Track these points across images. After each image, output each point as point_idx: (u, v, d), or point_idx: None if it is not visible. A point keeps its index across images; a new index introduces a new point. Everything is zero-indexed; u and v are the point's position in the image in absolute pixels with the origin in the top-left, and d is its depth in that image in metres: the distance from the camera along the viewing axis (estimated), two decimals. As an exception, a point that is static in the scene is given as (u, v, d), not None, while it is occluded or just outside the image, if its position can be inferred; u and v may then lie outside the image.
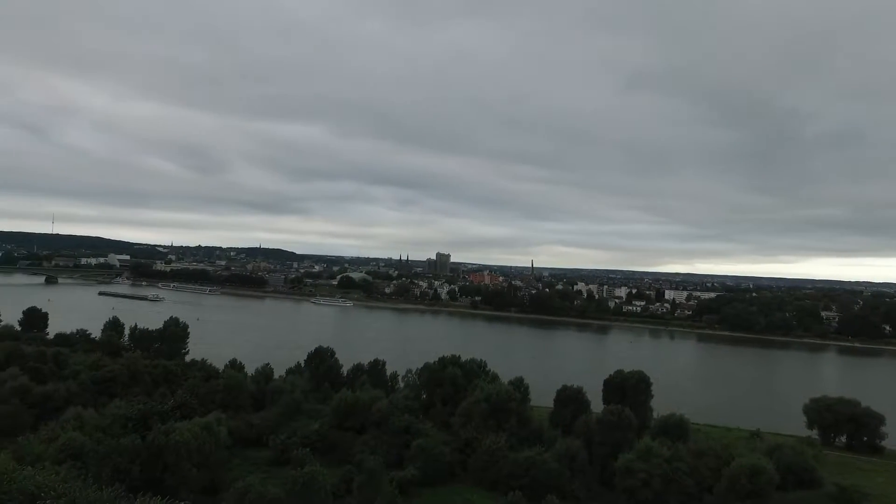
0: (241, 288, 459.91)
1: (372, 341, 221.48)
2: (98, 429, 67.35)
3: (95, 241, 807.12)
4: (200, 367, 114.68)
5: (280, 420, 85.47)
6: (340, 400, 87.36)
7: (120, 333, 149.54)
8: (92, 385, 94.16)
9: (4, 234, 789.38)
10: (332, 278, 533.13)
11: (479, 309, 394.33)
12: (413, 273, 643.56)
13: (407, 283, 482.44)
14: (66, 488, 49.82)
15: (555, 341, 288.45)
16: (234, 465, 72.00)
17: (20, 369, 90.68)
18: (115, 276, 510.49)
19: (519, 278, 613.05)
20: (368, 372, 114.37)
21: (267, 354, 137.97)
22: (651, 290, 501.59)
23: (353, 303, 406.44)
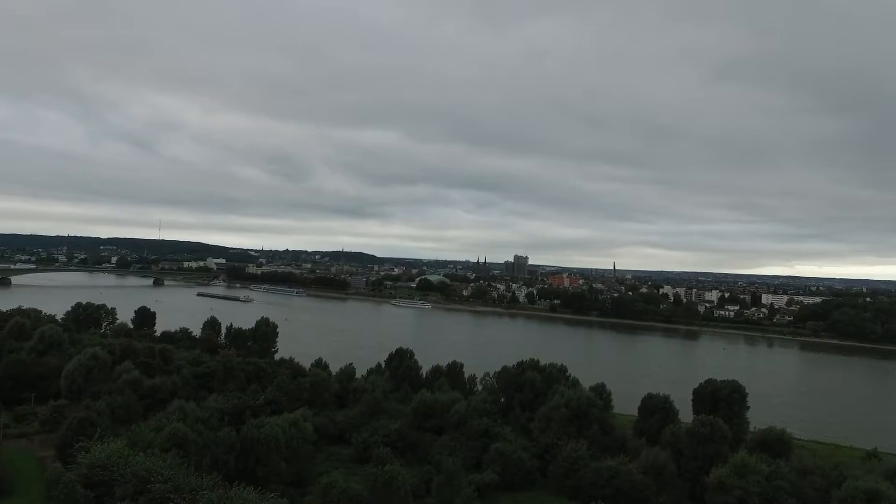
0: (325, 290, 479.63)
1: (450, 343, 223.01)
2: (199, 421, 72.63)
3: (196, 246, 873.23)
4: (289, 365, 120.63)
5: (362, 418, 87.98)
6: (419, 401, 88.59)
7: (217, 332, 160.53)
8: (193, 380, 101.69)
9: (119, 240, 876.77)
10: (411, 281, 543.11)
11: (558, 312, 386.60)
12: (490, 276, 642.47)
13: (484, 286, 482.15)
14: (171, 474, 54.37)
15: (638, 347, 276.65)
16: (319, 460, 74.87)
17: (133, 364, 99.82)
18: (213, 279, 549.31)
19: (600, 281, 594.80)
20: (447, 374, 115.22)
21: (349, 354, 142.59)
22: (745, 293, 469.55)
23: (431, 305, 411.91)
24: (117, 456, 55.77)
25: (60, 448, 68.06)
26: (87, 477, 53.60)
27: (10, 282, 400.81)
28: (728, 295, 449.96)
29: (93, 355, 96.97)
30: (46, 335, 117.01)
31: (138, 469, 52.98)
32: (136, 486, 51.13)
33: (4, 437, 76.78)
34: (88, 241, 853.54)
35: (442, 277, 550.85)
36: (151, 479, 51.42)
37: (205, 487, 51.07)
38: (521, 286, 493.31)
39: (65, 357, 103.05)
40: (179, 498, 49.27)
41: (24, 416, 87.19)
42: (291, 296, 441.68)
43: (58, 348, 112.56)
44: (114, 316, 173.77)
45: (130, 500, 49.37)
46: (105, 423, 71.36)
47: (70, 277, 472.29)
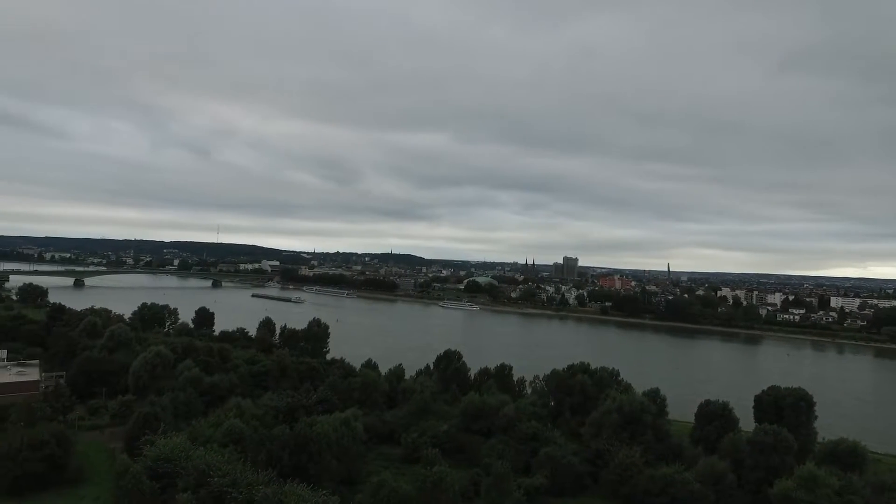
0: (374, 291, 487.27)
1: (498, 346, 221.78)
2: (254, 418, 75.08)
3: (251, 249, 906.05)
4: (340, 365, 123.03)
5: (410, 419, 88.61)
6: (468, 403, 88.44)
7: (272, 332, 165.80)
8: (249, 378, 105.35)
9: (181, 243, 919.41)
10: (459, 283, 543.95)
11: (609, 315, 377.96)
12: (539, 277, 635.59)
13: (533, 288, 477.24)
14: (229, 469, 56.40)
15: (695, 351, 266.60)
16: (369, 459, 75.90)
17: (193, 362, 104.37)
18: (268, 280, 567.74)
19: (653, 283, 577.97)
20: (495, 376, 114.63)
21: (398, 356, 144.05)
22: (812, 296, 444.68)
23: (479, 307, 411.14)
24: (179, 450, 58.38)
25: (128, 441, 71.90)
26: (153, 469, 56.28)
27: (83, 283, 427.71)
28: (793, 298, 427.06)
29: (157, 353, 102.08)
30: (116, 334, 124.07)
31: (199, 463, 55.26)
32: (196, 480, 53.30)
33: (79, 428, 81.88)
34: (153, 245, 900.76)
35: (490, 279, 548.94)
36: (211, 473, 53.53)
37: (260, 483, 52.71)
38: (571, 288, 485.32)
39: (132, 355, 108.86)
40: (237, 492, 51.03)
41: (96, 410, 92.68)
42: (342, 297, 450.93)
43: (126, 346, 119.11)
44: (176, 316, 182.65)
45: (192, 493, 51.43)
46: (168, 418, 74.91)
47: (136, 279, 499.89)
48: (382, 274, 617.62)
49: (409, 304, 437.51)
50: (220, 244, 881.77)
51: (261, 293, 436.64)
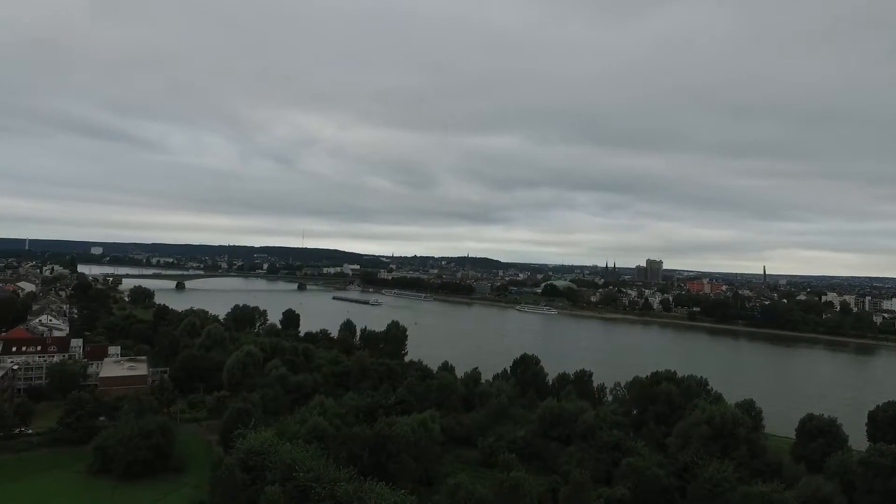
0: (451, 295, 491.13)
1: (577, 351, 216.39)
2: (337, 416, 77.79)
3: (333, 253, 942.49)
4: (417, 367, 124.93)
5: (487, 422, 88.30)
6: (545, 408, 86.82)
7: (352, 334, 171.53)
8: (332, 378, 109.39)
9: (270, 248, 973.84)
10: (536, 286, 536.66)
11: (697, 321, 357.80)
12: (620, 281, 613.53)
13: (614, 292, 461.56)
14: (313, 465, 58.76)
15: (795, 361, 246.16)
16: (446, 460, 76.34)
17: (280, 361, 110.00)
18: (349, 284, 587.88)
19: (747, 287, 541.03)
20: (574, 382, 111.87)
21: (475, 359, 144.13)
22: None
23: (557, 311, 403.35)
24: (268, 444, 61.57)
25: (223, 433, 76.88)
26: (244, 461, 59.68)
27: (184, 286, 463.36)
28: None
29: (248, 352, 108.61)
30: (212, 333, 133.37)
31: (285, 458, 57.99)
32: (283, 473, 55.94)
33: (180, 420, 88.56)
34: (245, 250, 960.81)
35: (568, 283, 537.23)
36: (296, 468, 56.00)
37: (342, 479, 54.42)
38: (655, 292, 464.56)
39: (226, 353, 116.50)
40: (320, 487, 52.99)
41: (195, 404, 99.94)
42: (419, 300, 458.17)
43: (221, 345, 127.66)
44: (265, 317, 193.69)
45: (279, 486, 53.99)
46: (258, 414, 79.34)
47: (230, 282, 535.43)
48: (459, 277, 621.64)
49: (485, 307, 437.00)
50: (305, 249, 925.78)
51: (341, 296, 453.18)
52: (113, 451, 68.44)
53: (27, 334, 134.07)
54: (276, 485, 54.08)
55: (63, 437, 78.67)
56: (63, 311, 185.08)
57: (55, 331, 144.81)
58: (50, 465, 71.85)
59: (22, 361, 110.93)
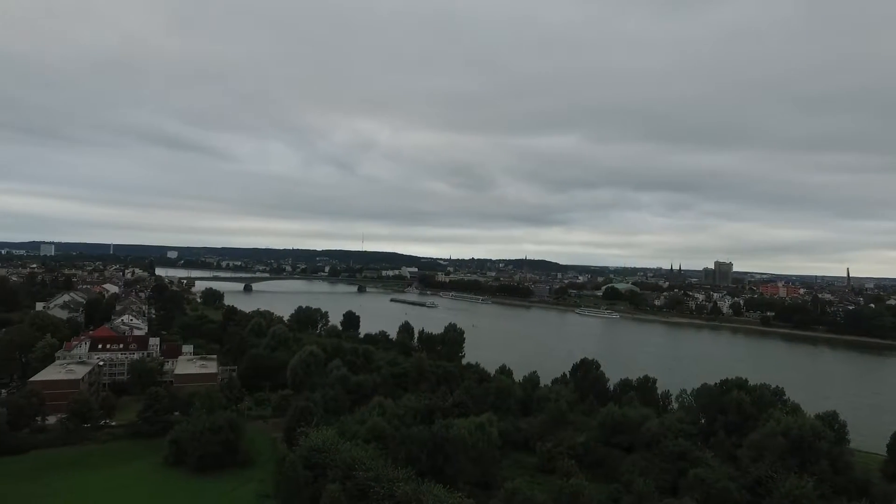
0: (508, 298, 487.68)
1: (639, 356, 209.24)
2: (395, 417, 78.74)
3: (392, 256, 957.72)
4: (474, 370, 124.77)
5: (546, 427, 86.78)
6: (607, 415, 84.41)
7: (411, 336, 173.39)
8: (390, 378, 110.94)
9: (331, 251, 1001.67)
10: (597, 289, 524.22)
11: (771, 326, 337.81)
12: (686, 284, 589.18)
13: (680, 295, 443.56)
14: (372, 464, 59.72)
15: (885, 372, 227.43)
16: (504, 465, 75.53)
17: (341, 362, 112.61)
18: (407, 286, 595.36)
19: (827, 291, 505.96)
20: (637, 388, 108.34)
21: (533, 362, 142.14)
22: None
23: (619, 315, 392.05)
24: (330, 443, 63.11)
25: (287, 431, 79.54)
26: (307, 459, 61.41)
27: (251, 288, 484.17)
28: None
29: (310, 353, 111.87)
30: (277, 334, 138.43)
31: (346, 456, 59.26)
32: (344, 472, 57.15)
33: (247, 417, 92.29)
34: (307, 254, 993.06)
35: (631, 286, 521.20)
36: (356, 467, 57.10)
37: (400, 480, 54.96)
38: (725, 296, 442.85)
39: (290, 353, 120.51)
40: (379, 487, 53.75)
41: (261, 401, 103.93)
42: (477, 303, 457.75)
43: (285, 345, 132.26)
44: (326, 318, 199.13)
45: (339, 484, 55.18)
46: (320, 413, 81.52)
47: (293, 284, 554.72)
48: (517, 280, 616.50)
49: (544, 310, 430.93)
50: (365, 252, 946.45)
51: (398, 298, 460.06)
52: (186, 445, 72.22)
53: (111, 333, 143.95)
54: (337, 483, 55.31)
55: (142, 430, 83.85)
56: (142, 312, 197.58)
57: (135, 330, 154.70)
58: (131, 455, 76.68)
59: (107, 358, 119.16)
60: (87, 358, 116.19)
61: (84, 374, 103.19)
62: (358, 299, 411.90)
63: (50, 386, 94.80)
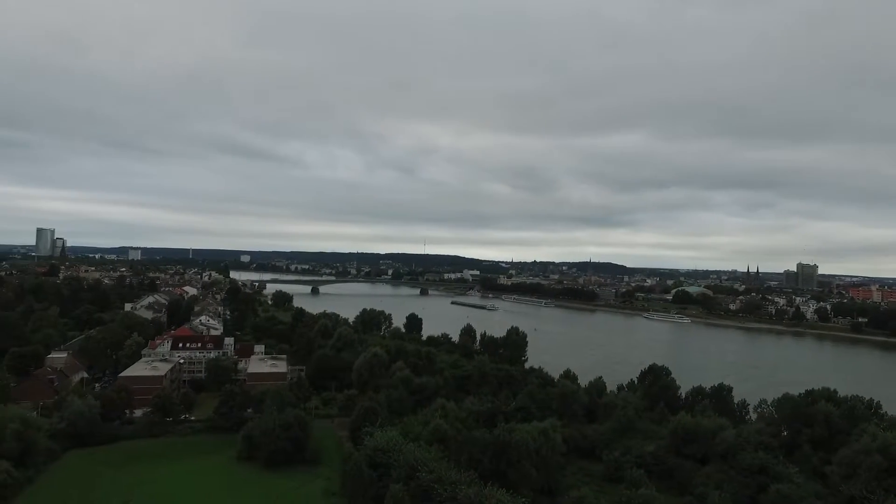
0: (572, 301, 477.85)
1: (713, 363, 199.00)
2: (457, 420, 78.62)
3: (453, 259, 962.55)
4: (537, 374, 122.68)
5: (612, 435, 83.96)
6: (678, 424, 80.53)
7: (473, 338, 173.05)
8: (452, 381, 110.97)
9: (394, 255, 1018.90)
10: (666, 293, 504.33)
11: (864, 333, 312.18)
12: (765, 287, 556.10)
13: (758, 300, 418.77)
14: (435, 466, 59.85)
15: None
16: (569, 472, 73.66)
17: (404, 363, 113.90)
18: (469, 289, 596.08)
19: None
20: (711, 396, 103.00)
21: (599, 367, 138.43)
22: None
23: (690, 319, 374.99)
24: (393, 443, 63.86)
25: (352, 430, 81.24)
26: (371, 458, 62.43)
27: (318, 290, 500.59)
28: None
29: (374, 354, 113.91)
30: (342, 335, 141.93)
31: (409, 457, 59.72)
32: (407, 473, 57.60)
33: (315, 416, 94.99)
34: (371, 257, 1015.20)
35: (703, 289, 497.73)
36: (419, 468, 57.40)
37: (463, 482, 54.72)
38: (809, 300, 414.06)
39: (355, 354, 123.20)
40: (442, 489, 53.74)
41: (327, 401, 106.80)
42: (539, 306, 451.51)
43: (350, 346, 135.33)
44: (390, 321, 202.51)
45: (403, 485, 55.64)
46: (384, 414, 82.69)
47: (358, 287, 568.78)
48: (581, 283, 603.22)
49: (609, 314, 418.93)
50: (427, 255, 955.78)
51: (459, 300, 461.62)
52: (258, 441, 75.22)
53: (190, 332, 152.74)
54: (401, 483, 55.80)
55: (218, 425, 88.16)
56: (218, 313, 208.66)
57: (212, 330, 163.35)
58: (207, 449, 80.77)
59: (186, 356, 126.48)
60: (169, 356, 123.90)
61: (167, 371, 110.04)
62: (420, 302, 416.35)
63: (137, 381, 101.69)
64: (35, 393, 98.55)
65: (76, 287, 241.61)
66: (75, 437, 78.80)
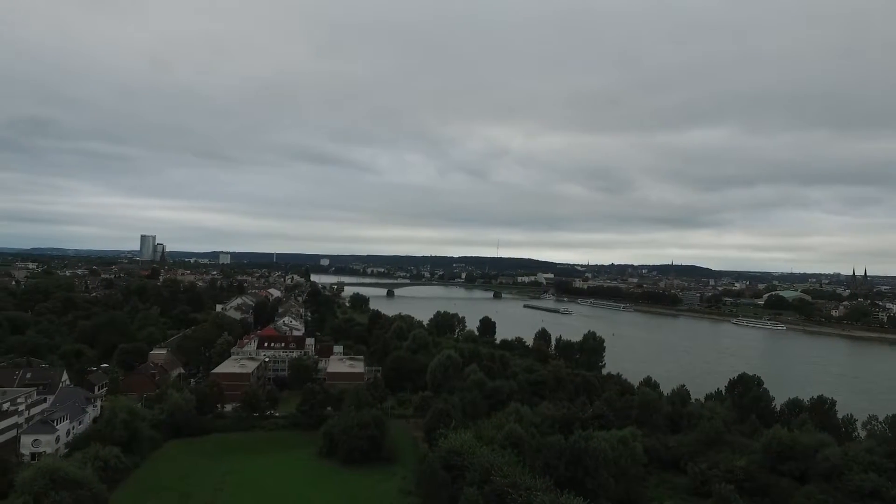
0: (653, 305, 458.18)
1: (811, 374, 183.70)
2: (532, 424, 77.33)
3: (527, 263, 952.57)
4: (616, 380, 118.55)
5: (698, 447, 79.34)
6: (773, 438, 74.76)
7: (547, 342, 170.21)
8: (527, 385, 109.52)
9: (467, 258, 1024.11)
10: (757, 297, 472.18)
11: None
12: (875, 292, 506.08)
13: (865, 306, 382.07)
14: (509, 471, 59.14)
15: None
16: (650, 484, 70.51)
17: (478, 366, 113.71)
18: (543, 293, 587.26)
19: None
20: (810, 410, 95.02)
21: (682, 375, 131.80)
22: None
23: (785, 326, 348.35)
24: (467, 446, 63.76)
25: (427, 431, 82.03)
26: (445, 460, 62.65)
27: (393, 293, 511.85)
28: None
29: (448, 356, 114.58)
30: (417, 337, 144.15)
31: (483, 461, 59.34)
32: (481, 476, 57.24)
33: (391, 416, 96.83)
34: (444, 260, 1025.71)
35: (800, 294, 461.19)
36: (493, 472, 56.86)
37: (538, 489, 53.60)
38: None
39: (429, 356, 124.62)
40: (516, 494, 52.89)
41: (403, 402, 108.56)
42: (617, 310, 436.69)
43: (424, 348, 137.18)
44: (463, 323, 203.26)
45: (477, 488, 55.34)
46: (458, 416, 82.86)
47: (431, 290, 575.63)
48: (662, 287, 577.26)
49: (693, 319, 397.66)
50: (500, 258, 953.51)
51: (531, 304, 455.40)
52: (337, 438, 77.68)
53: (275, 332, 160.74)
54: (475, 487, 55.51)
55: (300, 422, 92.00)
56: (300, 314, 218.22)
57: (294, 330, 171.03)
58: (290, 444, 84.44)
59: (271, 355, 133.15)
60: (255, 354, 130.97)
61: (253, 369, 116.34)
62: (493, 305, 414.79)
63: (227, 378, 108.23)
64: (139, 386, 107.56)
65: (174, 289, 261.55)
66: (174, 427, 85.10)
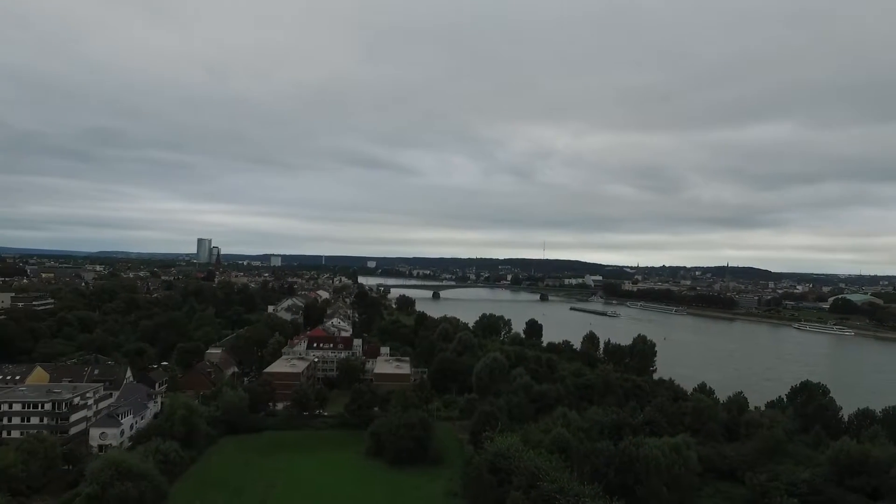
0: (707, 309, 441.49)
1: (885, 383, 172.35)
2: (580, 430, 75.75)
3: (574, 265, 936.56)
4: (668, 386, 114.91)
5: (756, 457, 75.79)
6: (840, 450, 70.57)
7: (595, 346, 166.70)
8: (574, 390, 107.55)
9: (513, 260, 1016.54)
10: (821, 301, 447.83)
11: None
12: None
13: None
14: (556, 476, 58.10)
15: None
16: (705, 494, 67.91)
17: (524, 369, 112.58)
18: (591, 295, 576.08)
19: None
20: (882, 421, 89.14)
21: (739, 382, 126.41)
22: None
23: (853, 331, 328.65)
24: (514, 449, 63.06)
25: (472, 433, 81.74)
26: (491, 463, 62.19)
27: (439, 295, 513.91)
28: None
29: (494, 359, 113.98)
30: (463, 339, 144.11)
31: (530, 465, 58.54)
32: (528, 481, 56.50)
33: (437, 417, 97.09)
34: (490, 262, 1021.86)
35: (870, 297, 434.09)
36: (540, 477, 55.99)
37: (587, 495, 52.43)
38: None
39: (475, 358, 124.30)
40: (564, 499, 51.89)
41: (448, 403, 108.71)
42: (669, 313, 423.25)
43: (470, 350, 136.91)
44: (509, 326, 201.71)
45: (523, 493, 54.66)
46: (504, 419, 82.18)
47: (477, 292, 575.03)
48: (717, 289, 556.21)
49: (751, 324, 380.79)
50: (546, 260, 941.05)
51: (578, 307, 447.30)
52: (384, 439, 78.50)
53: (324, 333, 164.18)
54: (521, 491, 54.85)
55: (348, 422, 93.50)
56: (348, 315, 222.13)
57: (342, 331, 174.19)
58: (338, 443, 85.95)
59: (320, 355, 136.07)
60: (305, 354, 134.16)
61: (303, 369, 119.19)
62: (540, 308, 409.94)
63: (279, 377, 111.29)
64: (196, 383, 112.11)
65: (228, 291, 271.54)
66: (229, 424, 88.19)
